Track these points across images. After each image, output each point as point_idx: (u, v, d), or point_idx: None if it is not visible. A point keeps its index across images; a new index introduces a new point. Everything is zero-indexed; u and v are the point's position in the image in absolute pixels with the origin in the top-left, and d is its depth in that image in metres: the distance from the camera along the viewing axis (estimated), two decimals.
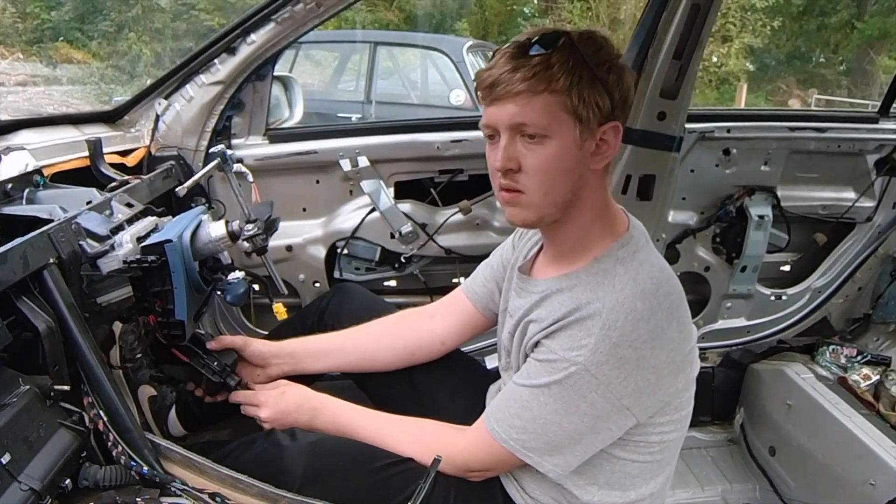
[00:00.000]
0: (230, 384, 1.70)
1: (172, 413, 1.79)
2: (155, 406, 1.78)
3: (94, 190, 1.76)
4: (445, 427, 1.52)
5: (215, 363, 1.70)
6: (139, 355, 1.76)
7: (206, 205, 2.28)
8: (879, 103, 2.97)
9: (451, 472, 1.44)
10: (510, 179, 1.30)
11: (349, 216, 2.58)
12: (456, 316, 1.79)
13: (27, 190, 1.67)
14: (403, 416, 1.58)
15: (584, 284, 1.32)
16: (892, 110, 2.93)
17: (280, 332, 2.00)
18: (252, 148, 2.40)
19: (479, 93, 1.31)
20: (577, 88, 1.23)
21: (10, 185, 1.63)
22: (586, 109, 1.25)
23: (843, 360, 2.77)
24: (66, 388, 1.26)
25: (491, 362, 2.19)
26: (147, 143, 2.27)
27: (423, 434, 1.52)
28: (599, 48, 1.27)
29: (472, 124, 2.52)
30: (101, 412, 1.31)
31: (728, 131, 2.67)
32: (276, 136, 2.47)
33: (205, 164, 2.24)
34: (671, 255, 2.79)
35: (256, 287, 2.51)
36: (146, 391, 1.80)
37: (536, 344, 1.36)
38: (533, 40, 1.25)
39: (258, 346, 1.79)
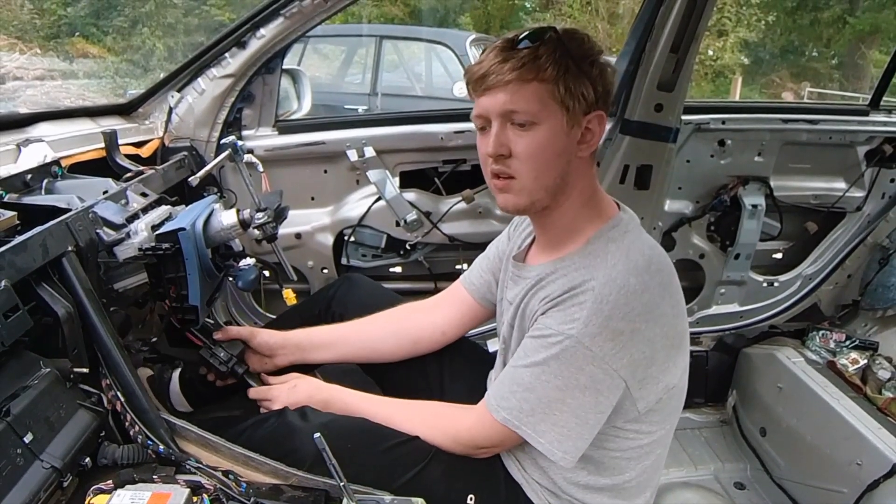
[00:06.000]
0: (238, 371, 1.75)
1: (176, 389, 1.83)
2: (154, 386, 1.81)
3: (109, 180, 1.81)
4: (452, 408, 1.56)
5: (222, 353, 1.75)
6: (154, 339, 1.81)
7: (218, 194, 2.34)
8: (870, 96, 3.01)
9: (460, 451, 1.49)
10: (502, 165, 1.36)
11: (356, 205, 2.63)
12: (456, 307, 1.84)
13: (46, 180, 1.72)
14: (410, 401, 1.62)
15: (577, 266, 1.36)
16: (882, 103, 2.97)
17: (288, 317, 2.05)
18: (262, 139, 2.45)
19: (469, 86, 1.37)
20: (564, 78, 1.29)
21: (29, 176, 1.68)
22: (572, 99, 1.31)
23: (832, 345, 2.84)
24: (85, 370, 1.31)
25: (493, 345, 2.25)
26: (161, 134, 2.32)
27: (431, 416, 1.55)
28: (582, 43, 1.34)
29: None
30: (119, 393, 1.36)
31: (723, 123, 2.71)
32: (286, 127, 2.51)
33: (216, 155, 2.28)
34: (667, 243, 2.83)
35: (266, 273, 2.57)
36: (143, 373, 1.82)
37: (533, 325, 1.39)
38: (521, 36, 1.31)
39: (265, 337, 1.83)
